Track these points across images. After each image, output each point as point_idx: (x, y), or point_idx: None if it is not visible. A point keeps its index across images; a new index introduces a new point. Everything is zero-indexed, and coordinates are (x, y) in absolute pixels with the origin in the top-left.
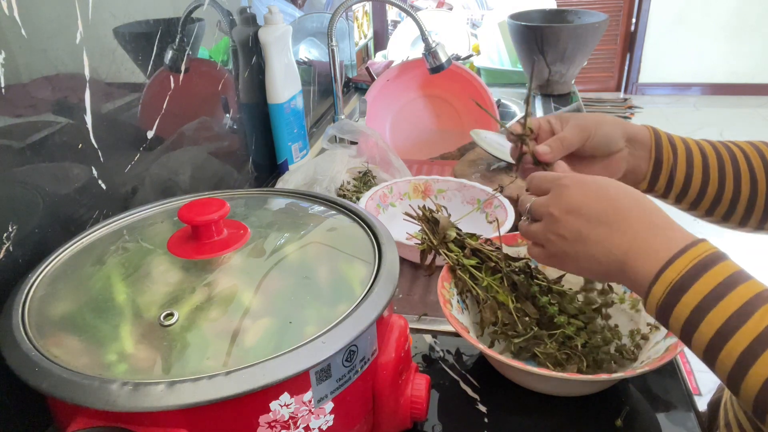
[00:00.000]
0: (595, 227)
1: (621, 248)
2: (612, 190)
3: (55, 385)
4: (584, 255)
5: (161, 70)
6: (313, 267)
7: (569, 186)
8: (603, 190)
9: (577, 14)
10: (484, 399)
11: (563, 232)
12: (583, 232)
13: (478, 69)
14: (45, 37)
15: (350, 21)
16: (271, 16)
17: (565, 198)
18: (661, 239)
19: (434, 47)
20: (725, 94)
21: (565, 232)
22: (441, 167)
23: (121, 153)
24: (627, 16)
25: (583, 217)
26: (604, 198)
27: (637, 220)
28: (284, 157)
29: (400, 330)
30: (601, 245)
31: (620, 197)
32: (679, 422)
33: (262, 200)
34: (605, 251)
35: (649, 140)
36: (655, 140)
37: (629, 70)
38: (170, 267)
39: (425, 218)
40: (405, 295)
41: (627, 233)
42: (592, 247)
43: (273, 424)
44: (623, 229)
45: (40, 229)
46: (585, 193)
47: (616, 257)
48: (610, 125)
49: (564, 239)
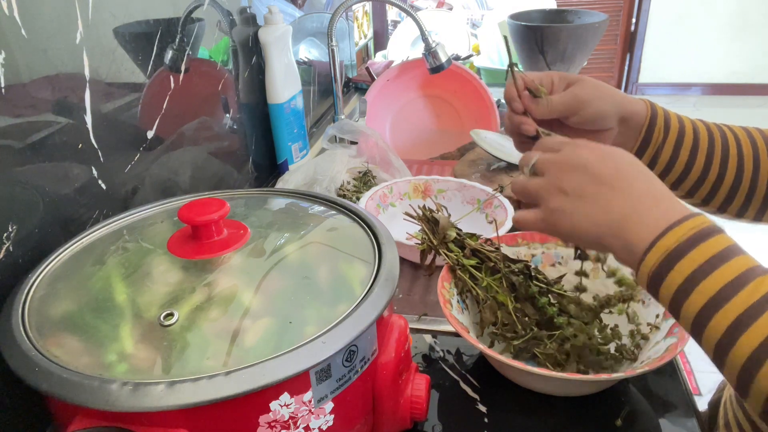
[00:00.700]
0: (599, 186)
1: (620, 211)
2: (620, 158)
3: (55, 385)
4: (582, 213)
5: (161, 70)
6: (313, 267)
7: (580, 146)
8: (611, 155)
9: (577, 14)
10: (484, 399)
11: (565, 186)
12: (585, 189)
13: (478, 69)
14: (45, 37)
15: (350, 21)
16: (271, 16)
17: (573, 155)
18: (661, 208)
19: (434, 47)
20: (725, 94)
21: (567, 186)
22: (441, 167)
23: (121, 153)
24: (627, 16)
25: (588, 175)
26: (612, 162)
27: (640, 188)
28: (284, 157)
29: (400, 330)
30: (600, 204)
31: (626, 165)
32: (679, 422)
33: (262, 200)
34: (604, 211)
35: (644, 119)
36: (650, 120)
37: (629, 70)
38: (170, 267)
39: (425, 218)
40: (405, 295)
41: (628, 198)
42: (592, 205)
43: (273, 424)
44: (626, 193)
45: (40, 229)
46: (593, 154)
47: (614, 219)
48: (606, 103)
49: (565, 194)
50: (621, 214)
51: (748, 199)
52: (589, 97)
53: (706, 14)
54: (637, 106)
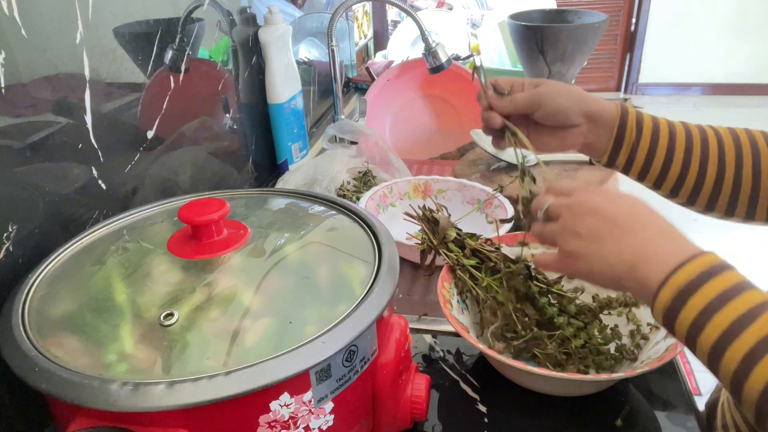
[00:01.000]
0: (612, 228)
1: (633, 250)
2: (631, 200)
3: (55, 385)
4: (597, 255)
5: (161, 70)
6: (313, 267)
7: (590, 191)
8: (622, 198)
9: (577, 14)
10: (484, 399)
11: (580, 230)
12: (599, 231)
13: (476, 69)
14: (45, 37)
15: (350, 21)
16: (271, 16)
17: (585, 199)
18: (673, 246)
19: (434, 47)
20: (725, 94)
21: (582, 229)
22: (441, 167)
23: (121, 153)
24: (627, 16)
25: (600, 217)
26: (623, 204)
27: (652, 228)
28: (284, 157)
29: (400, 330)
30: (615, 246)
31: (638, 206)
32: (679, 422)
33: (262, 200)
34: (618, 252)
35: (614, 118)
36: (620, 118)
37: (629, 70)
38: (170, 267)
39: (425, 218)
40: (405, 295)
41: (641, 237)
42: (606, 246)
43: (273, 424)
44: (638, 233)
45: (40, 229)
46: (605, 197)
47: (628, 259)
48: (568, 99)
49: (579, 237)
50: (634, 254)
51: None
52: (551, 94)
53: (706, 14)
54: (605, 105)
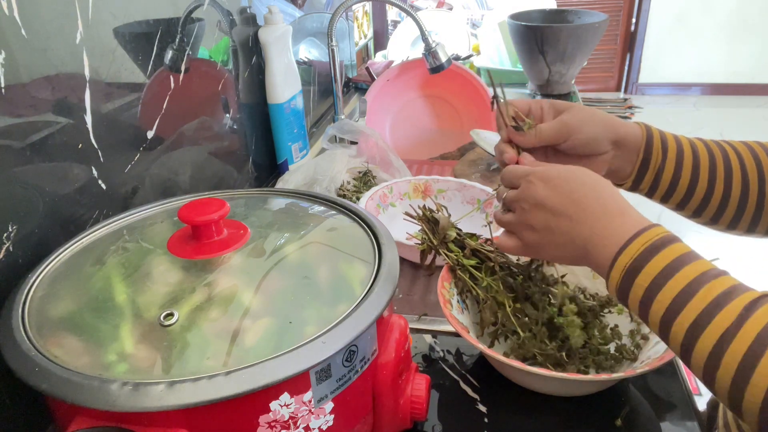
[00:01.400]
0: (559, 220)
1: (582, 237)
2: (571, 184)
3: (55, 385)
4: (553, 244)
5: (161, 70)
6: (313, 267)
7: (534, 182)
8: (563, 183)
9: (577, 14)
10: (484, 399)
11: (533, 223)
12: (549, 224)
13: (478, 69)
14: (45, 37)
15: (350, 21)
16: (271, 16)
17: (531, 193)
18: (616, 226)
19: (434, 47)
20: (725, 94)
21: (534, 223)
22: (441, 167)
23: (121, 153)
24: (627, 16)
25: (548, 211)
26: (564, 190)
27: (593, 211)
28: (284, 157)
29: (400, 330)
30: (565, 235)
31: (577, 189)
32: (679, 422)
33: (262, 200)
34: (569, 240)
35: (640, 142)
36: (646, 142)
37: (629, 70)
38: (170, 267)
39: (425, 218)
40: (405, 295)
41: (585, 223)
42: (559, 237)
43: (273, 424)
44: (582, 220)
45: (40, 229)
46: (548, 187)
47: (579, 245)
48: (598, 127)
49: (534, 230)
50: (582, 240)
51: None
52: (579, 123)
53: (706, 14)
54: (631, 128)
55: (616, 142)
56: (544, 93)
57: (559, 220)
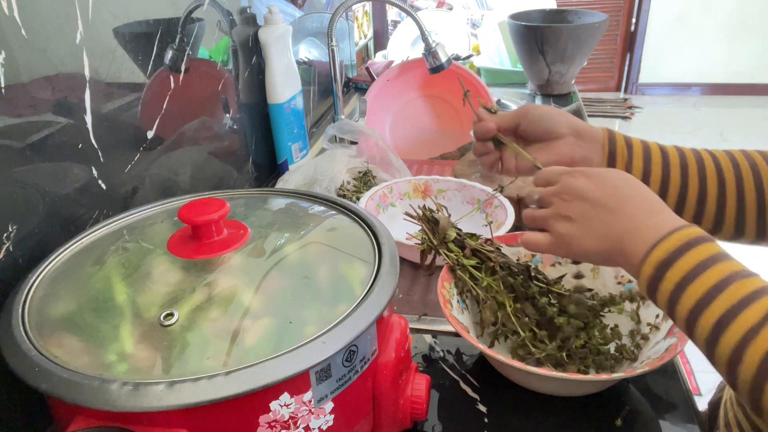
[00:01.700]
0: (597, 209)
1: (619, 229)
2: (614, 180)
3: (55, 385)
4: (588, 236)
5: (161, 70)
6: (313, 267)
7: (576, 176)
8: (606, 178)
9: (577, 14)
10: (484, 399)
11: (570, 213)
12: (587, 214)
13: (478, 69)
14: (45, 37)
15: (350, 21)
16: (271, 16)
17: (572, 184)
18: (654, 222)
19: (434, 47)
20: (725, 94)
21: (571, 213)
22: (441, 167)
23: (121, 153)
24: (627, 16)
25: (587, 201)
26: (608, 185)
27: (635, 205)
28: (284, 157)
29: (400, 330)
30: (602, 225)
31: (621, 185)
32: (679, 422)
33: (262, 200)
34: (606, 231)
35: (602, 136)
36: (609, 137)
37: (629, 70)
38: (170, 267)
39: (425, 218)
40: (405, 295)
41: (624, 216)
42: (595, 227)
43: (273, 424)
44: (621, 212)
45: (40, 229)
46: (589, 180)
47: (615, 237)
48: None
49: (570, 220)
50: (620, 231)
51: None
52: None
53: (706, 14)
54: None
55: (573, 129)
56: (544, 93)
57: (599, 211)
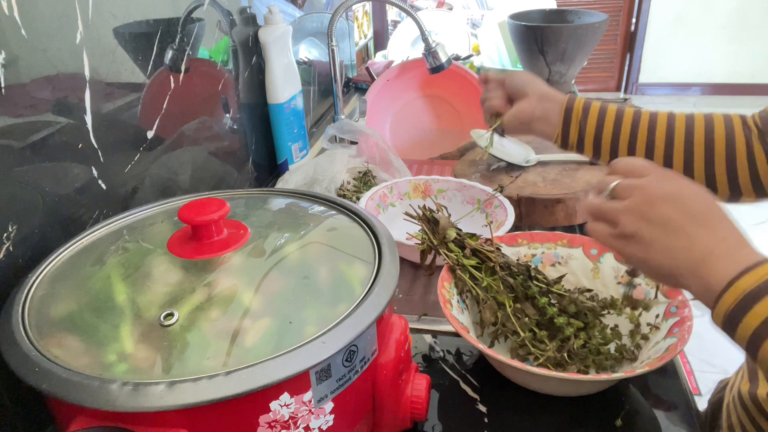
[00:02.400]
0: (688, 221)
1: (703, 248)
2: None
3: (55, 385)
4: (662, 244)
5: (161, 70)
6: (313, 267)
7: (669, 174)
8: (700, 192)
9: (577, 14)
10: (484, 399)
11: (652, 215)
12: (673, 222)
13: (478, 69)
14: (45, 37)
15: (350, 21)
16: (271, 16)
17: (664, 184)
18: (743, 251)
19: (434, 47)
20: (725, 94)
21: (653, 215)
22: (441, 167)
23: (121, 153)
24: (627, 16)
25: (678, 208)
26: (702, 196)
27: (726, 229)
28: (284, 157)
29: (400, 330)
30: (686, 241)
31: (712, 200)
32: (679, 422)
33: (262, 200)
34: (686, 247)
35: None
36: (568, 99)
37: (629, 70)
38: (170, 267)
39: (425, 218)
40: (405, 295)
41: (714, 237)
42: (676, 239)
43: (273, 424)
44: (712, 232)
45: (40, 229)
46: (684, 185)
47: (695, 256)
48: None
49: (649, 222)
50: (704, 252)
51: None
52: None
53: (706, 14)
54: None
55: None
56: None
57: (687, 222)
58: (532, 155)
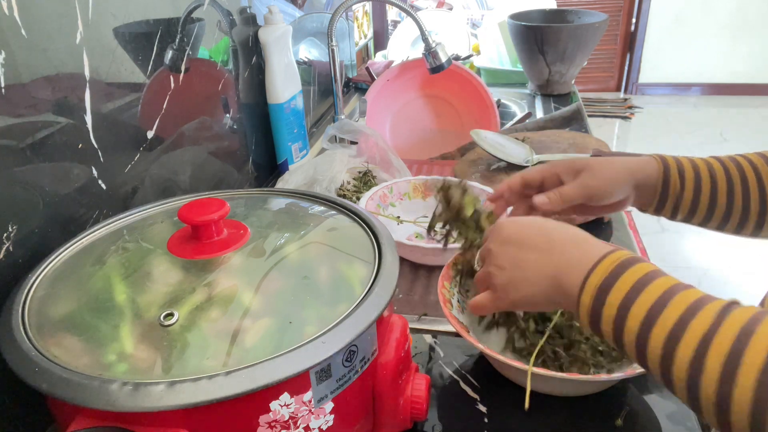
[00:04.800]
0: (527, 252)
1: (551, 267)
2: (537, 222)
3: (55, 385)
4: (522, 281)
5: (161, 70)
6: (313, 267)
7: (503, 224)
8: (526, 224)
9: (577, 14)
10: (484, 399)
11: (501, 262)
12: (517, 258)
13: (478, 69)
14: (45, 37)
15: (350, 21)
16: (271, 16)
17: (499, 233)
18: (583, 251)
19: (434, 47)
20: (725, 94)
21: (503, 261)
22: (441, 167)
23: (121, 153)
24: (627, 16)
25: (515, 245)
26: (533, 227)
27: (561, 240)
28: (284, 157)
29: (400, 330)
30: (534, 268)
31: (543, 224)
32: (679, 422)
33: (262, 200)
34: (539, 273)
35: (657, 177)
36: (664, 175)
37: (629, 70)
38: (170, 267)
39: (443, 190)
40: (405, 295)
41: (554, 253)
42: (528, 271)
43: (273, 424)
44: (550, 250)
45: (40, 229)
46: (516, 226)
47: (549, 276)
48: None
49: (503, 269)
50: (553, 270)
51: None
52: (601, 183)
53: (706, 14)
54: (648, 168)
55: (637, 187)
56: (544, 93)
57: (528, 253)
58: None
